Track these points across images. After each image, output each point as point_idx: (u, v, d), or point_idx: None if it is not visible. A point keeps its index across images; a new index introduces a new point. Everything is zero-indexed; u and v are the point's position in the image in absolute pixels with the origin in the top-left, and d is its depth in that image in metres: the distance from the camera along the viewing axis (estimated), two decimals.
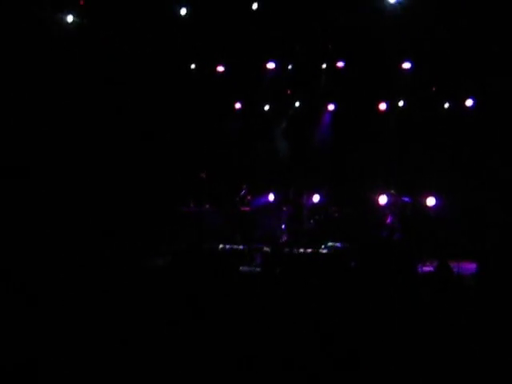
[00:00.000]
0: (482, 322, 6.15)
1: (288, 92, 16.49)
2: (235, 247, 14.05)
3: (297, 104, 16.64)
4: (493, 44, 12.57)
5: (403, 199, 14.19)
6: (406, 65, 14.37)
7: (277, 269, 9.18)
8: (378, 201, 14.33)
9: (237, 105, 16.77)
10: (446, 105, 14.93)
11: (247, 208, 15.29)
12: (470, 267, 11.14)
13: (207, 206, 15.24)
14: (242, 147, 16.60)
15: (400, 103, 15.53)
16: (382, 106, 15.65)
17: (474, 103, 14.36)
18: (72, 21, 13.19)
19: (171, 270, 8.79)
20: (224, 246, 13.85)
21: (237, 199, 15.29)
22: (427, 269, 11.52)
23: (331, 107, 16.40)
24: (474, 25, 12.25)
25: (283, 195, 15.63)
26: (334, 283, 7.66)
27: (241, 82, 15.98)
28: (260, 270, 9.87)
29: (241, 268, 10.56)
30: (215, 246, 13.60)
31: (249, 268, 11.63)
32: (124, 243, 11.80)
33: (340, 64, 15.13)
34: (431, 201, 13.69)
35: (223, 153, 16.31)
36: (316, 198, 15.03)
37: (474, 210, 13.56)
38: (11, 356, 5.34)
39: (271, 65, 15.35)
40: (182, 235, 14.12)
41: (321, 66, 15.51)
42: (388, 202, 14.27)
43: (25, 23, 12.27)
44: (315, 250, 13.34)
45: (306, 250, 13.30)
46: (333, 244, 13.83)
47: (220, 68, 15.61)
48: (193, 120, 15.88)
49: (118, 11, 13.12)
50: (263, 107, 16.81)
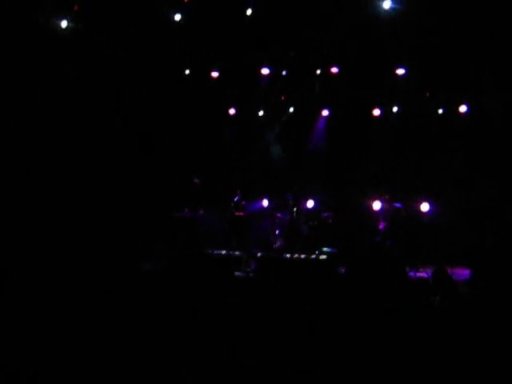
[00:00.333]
0: (478, 330, 6.10)
1: (282, 98, 16.53)
2: (230, 252, 14.00)
3: (291, 110, 16.69)
4: (487, 49, 12.59)
5: (395, 205, 14.00)
6: (400, 71, 14.29)
7: (270, 274, 9.21)
8: (372, 207, 14.28)
9: (231, 110, 16.73)
10: (440, 111, 14.97)
11: (241, 213, 15.29)
12: (464, 273, 11.19)
13: (201, 212, 15.12)
14: (237, 152, 16.58)
15: (394, 109, 15.56)
16: (376, 112, 15.67)
17: (468, 109, 14.38)
18: (66, 26, 13.12)
19: (166, 275, 8.68)
20: (219, 252, 13.83)
21: (231, 204, 15.29)
22: (421, 275, 11.53)
23: (325, 113, 16.42)
24: (468, 30, 12.20)
25: (278, 201, 15.60)
26: (324, 289, 7.70)
27: (235, 88, 16.01)
28: (254, 276, 9.86)
29: (235, 273, 10.55)
30: (210, 251, 13.59)
31: (243, 273, 11.64)
32: (119, 247, 11.64)
33: (334, 70, 15.02)
34: (425, 206, 13.69)
35: (217, 158, 16.29)
36: (310, 204, 15.05)
37: (469, 216, 13.67)
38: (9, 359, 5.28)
39: (265, 70, 15.26)
40: (177, 240, 14.12)
41: (315, 72, 15.48)
42: (381, 208, 14.11)
43: (19, 28, 12.20)
44: (307, 256, 13.39)
45: (300, 256, 13.38)
46: (326, 249, 13.83)
47: (214, 73, 15.49)
48: (187, 126, 15.88)
49: (113, 16, 13.07)
50: (257, 113, 16.82)
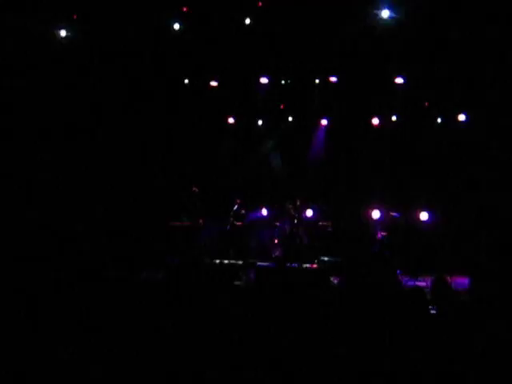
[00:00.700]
0: (477, 338, 5.90)
1: (281, 107, 16.54)
2: (229, 262, 14.00)
3: (290, 119, 16.70)
4: (484, 59, 12.63)
5: (393, 214, 14.00)
6: (399, 80, 14.41)
7: (269, 283, 9.22)
8: (371, 216, 14.28)
9: (230, 119, 16.78)
10: (439, 120, 15.01)
11: (240, 222, 15.40)
12: (463, 282, 11.18)
13: (201, 221, 15.04)
14: (236, 162, 16.61)
15: (393, 118, 15.58)
16: (375, 121, 15.73)
17: (467, 118, 14.42)
18: (65, 35, 13.19)
19: (164, 284, 8.75)
20: (219, 261, 13.78)
21: (230, 214, 15.33)
22: (420, 284, 11.51)
23: (324, 122, 16.46)
24: (466, 41, 12.28)
25: (277, 210, 15.67)
26: (318, 297, 7.75)
27: (234, 97, 16.02)
28: (253, 285, 9.85)
29: (235, 283, 10.55)
30: (209, 261, 13.57)
31: (242, 283, 11.65)
32: (118, 257, 11.57)
33: (333, 79, 15.16)
34: (424, 215, 13.74)
35: (216, 167, 16.35)
36: (309, 213, 15.07)
37: (467, 225, 13.62)
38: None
39: (264, 80, 15.39)
40: (176, 250, 14.06)
41: (314, 81, 15.54)
42: (380, 218, 14.09)
43: (19, 37, 12.26)
44: (303, 265, 13.55)
45: (299, 265, 13.50)
46: (326, 258, 13.84)
47: (213, 83, 15.60)
48: (186, 135, 15.96)
49: (112, 26, 13.12)
50: (256, 122, 16.88)
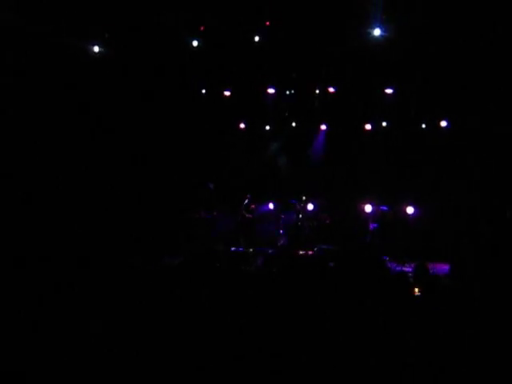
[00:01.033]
0: (459, 319, 5.96)
1: (286, 114, 16.47)
2: (240, 249, 14.19)
3: (293, 124, 16.67)
4: (464, 72, 12.59)
5: (381, 208, 14.16)
6: (389, 90, 14.42)
7: (275, 268, 9.28)
8: (364, 210, 14.38)
9: (241, 125, 16.85)
10: (423, 125, 14.98)
11: (250, 215, 15.44)
12: (444, 268, 11.27)
13: (215, 213, 15.15)
14: (246, 162, 16.53)
15: (383, 124, 15.59)
16: (368, 126, 15.79)
17: (448, 124, 14.41)
18: (98, 51, 13.32)
19: (183, 269, 8.93)
20: (230, 248, 14.00)
21: (241, 207, 15.39)
22: (406, 269, 11.61)
23: (323, 127, 16.49)
24: (446, 56, 12.29)
25: (283, 204, 15.78)
26: (317, 280, 7.74)
27: (245, 105, 16.01)
28: (261, 270, 9.87)
29: (244, 268, 10.58)
30: (222, 248, 13.52)
31: (251, 268, 11.69)
32: (144, 244, 11.79)
33: (331, 89, 15.16)
34: (410, 209, 13.83)
35: (229, 167, 16.35)
36: (310, 207, 15.18)
37: (449, 218, 13.57)
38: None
39: (271, 90, 15.39)
40: (194, 238, 14.21)
41: (314, 91, 15.54)
42: (371, 211, 14.22)
43: (59, 52, 12.24)
44: (306, 252, 13.52)
45: (301, 252, 13.46)
46: (324, 246, 13.79)
47: (227, 93, 15.59)
48: (204, 139, 15.95)
49: (140, 43, 13.21)
50: (264, 127, 16.86)
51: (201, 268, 8.53)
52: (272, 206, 15.90)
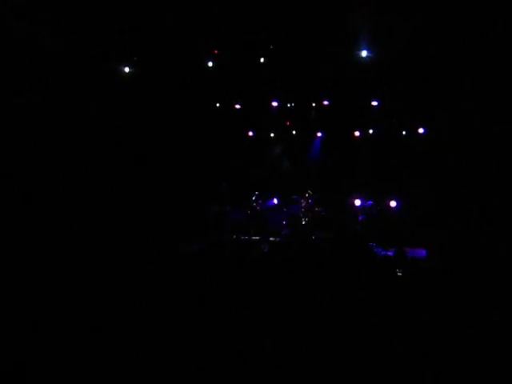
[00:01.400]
0: (434, 295, 6.27)
1: (287, 123, 16.68)
2: (250, 238, 14.19)
3: (294, 132, 16.85)
4: (437, 86, 12.29)
5: (368, 203, 14.32)
6: (374, 103, 14.51)
7: (279, 254, 9.38)
8: (354, 203, 14.54)
9: (250, 133, 17.14)
10: (404, 132, 15.08)
11: (259, 208, 15.57)
12: (422, 252, 11.40)
13: (228, 208, 15.30)
14: (254, 164, 16.69)
15: (370, 131, 15.77)
16: (357, 133, 15.99)
17: (425, 131, 14.45)
18: (129, 71, 13.63)
19: (202, 255, 8.91)
20: (242, 237, 14.01)
21: (251, 202, 15.51)
22: (389, 253, 11.30)
23: (319, 134, 16.69)
24: (422, 76, 12.17)
25: (286, 199, 15.85)
26: (315, 264, 8.03)
27: (252, 116, 16.19)
28: (267, 256, 9.73)
29: (253, 254, 10.39)
30: (235, 238, 13.79)
31: (259, 254, 11.71)
32: (168, 235, 11.91)
33: (325, 102, 15.31)
34: (393, 203, 14.04)
35: (241, 167, 16.44)
36: (308, 201, 15.32)
37: (426, 210, 13.25)
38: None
39: (275, 103, 15.49)
40: (210, 229, 14.26)
41: (311, 104, 15.65)
42: (360, 205, 14.33)
43: (93, 72, 12.11)
44: (306, 240, 13.29)
45: (301, 239, 13.15)
46: (321, 235, 13.92)
47: (237, 106, 15.80)
48: (219, 145, 16.06)
49: (163, 64, 12.91)
50: (269, 134, 17.09)
51: (217, 254, 8.86)
52: (276, 201, 15.97)
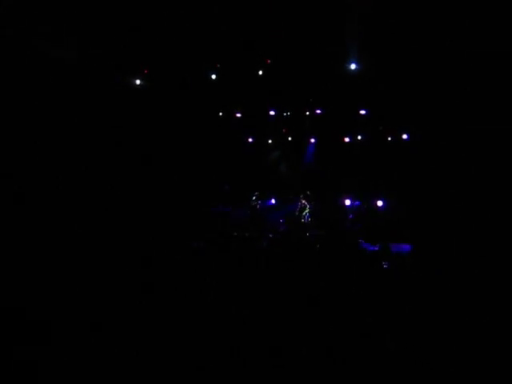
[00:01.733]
0: (417, 285, 6.40)
1: (284, 130, 16.64)
2: (250, 235, 13.98)
3: (289, 138, 16.79)
4: (420, 96, 12.04)
5: (356, 203, 14.37)
6: (363, 111, 14.43)
7: (277, 249, 9.45)
8: (344, 203, 14.52)
9: (249, 139, 17.09)
10: (389, 138, 14.80)
11: (258, 208, 15.46)
12: (405, 247, 11.37)
13: (231, 207, 15.32)
14: (254, 167, 16.58)
15: (359, 137, 15.57)
16: (347, 139, 15.84)
17: (408, 137, 14.22)
18: (140, 83, 13.62)
19: (208, 250, 9.08)
20: (243, 234, 13.73)
21: (251, 202, 15.39)
22: (375, 248, 11.67)
23: (312, 140, 16.59)
24: (405, 87, 12.05)
25: (283, 199, 15.90)
26: (310, 257, 7.93)
27: (252, 124, 16.15)
28: (266, 250, 9.99)
29: (254, 248, 10.47)
30: (236, 234, 13.37)
31: (259, 248, 11.67)
32: (175, 231, 11.73)
33: (318, 111, 15.27)
34: (380, 202, 13.98)
35: (241, 170, 16.38)
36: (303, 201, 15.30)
37: (409, 209, 13.29)
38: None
39: (272, 112, 15.53)
40: (214, 227, 13.99)
41: (305, 113, 15.57)
42: (350, 204, 14.41)
43: (107, 85, 12.15)
44: (301, 236, 13.13)
45: (297, 236, 13.07)
46: (314, 232, 13.68)
47: (238, 114, 15.82)
48: (221, 150, 15.95)
49: (171, 77, 13.07)
50: (267, 140, 17.03)
51: (221, 249, 8.82)
52: (273, 201, 16.02)
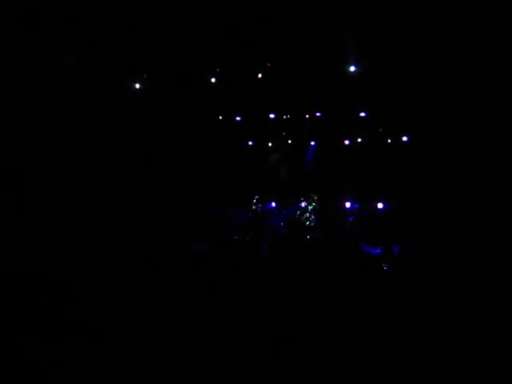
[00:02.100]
0: (418, 286, 6.45)
1: (284, 133, 16.62)
2: (250, 238, 13.80)
3: (289, 141, 16.72)
4: (419, 97, 12.20)
5: (355, 206, 14.24)
6: (362, 114, 14.49)
7: (277, 252, 9.41)
8: (344, 206, 14.42)
9: (249, 142, 16.99)
10: (389, 140, 14.78)
11: (258, 211, 15.32)
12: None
13: (231, 210, 15.27)
14: (254, 170, 16.52)
15: (358, 139, 15.49)
16: (346, 142, 15.72)
17: (408, 138, 14.19)
18: (139, 87, 13.63)
19: (208, 252, 9.08)
20: (242, 237, 13.67)
21: (252, 205, 15.29)
22: (376, 250, 11.51)
23: (312, 143, 16.46)
24: (404, 90, 12.27)
25: (283, 202, 15.77)
26: (310, 260, 7.92)
27: (252, 127, 16.17)
28: (266, 253, 9.97)
29: (253, 251, 10.59)
30: (236, 237, 13.29)
31: (258, 251, 11.66)
32: (175, 233, 11.88)
33: (317, 114, 15.35)
34: (380, 205, 13.87)
35: (242, 174, 16.32)
36: (303, 204, 15.27)
37: (410, 211, 13.18)
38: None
39: (272, 115, 15.63)
40: (214, 229, 13.85)
41: (305, 116, 15.70)
42: (350, 207, 14.33)
43: (106, 88, 12.36)
44: (301, 239, 13.15)
45: (297, 239, 13.01)
46: (315, 234, 13.60)
47: (238, 118, 15.89)
48: (222, 153, 15.99)
49: (171, 81, 13.13)
50: (267, 143, 16.95)
51: (221, 251, 8.82)
52: (274, 205, 15.84)
